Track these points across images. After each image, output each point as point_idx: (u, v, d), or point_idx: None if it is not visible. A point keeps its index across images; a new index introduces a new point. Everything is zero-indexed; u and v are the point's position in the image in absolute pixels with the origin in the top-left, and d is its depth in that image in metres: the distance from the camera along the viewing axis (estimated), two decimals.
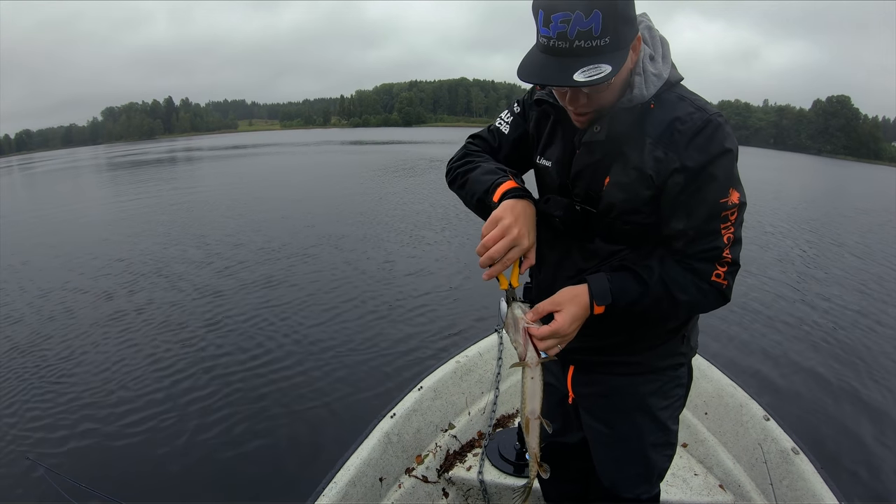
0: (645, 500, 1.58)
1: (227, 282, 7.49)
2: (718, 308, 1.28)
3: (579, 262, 1.35)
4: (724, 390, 2.52)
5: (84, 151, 79.76)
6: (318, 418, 4.06)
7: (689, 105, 1.18)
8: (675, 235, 1.21)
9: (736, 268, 1.22)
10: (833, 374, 5.06)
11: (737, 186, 1.17)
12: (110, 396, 4.37)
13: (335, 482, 1.97)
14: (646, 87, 1.18)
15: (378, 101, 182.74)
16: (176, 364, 4.94)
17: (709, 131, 1.15)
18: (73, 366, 4.97)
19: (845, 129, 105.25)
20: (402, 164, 26.99)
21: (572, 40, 1.04)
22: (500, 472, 2.34)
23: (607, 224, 1.28)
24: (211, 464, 3.54)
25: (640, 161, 1.19)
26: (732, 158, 1.17)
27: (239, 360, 5.02)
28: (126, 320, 6.03)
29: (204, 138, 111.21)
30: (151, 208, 14.21)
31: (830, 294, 7.74)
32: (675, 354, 1.43)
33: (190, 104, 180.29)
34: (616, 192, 1.23)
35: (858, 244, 11.54)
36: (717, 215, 1.17)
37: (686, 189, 1.17)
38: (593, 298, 1.20)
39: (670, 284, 1.21)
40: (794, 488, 2.03)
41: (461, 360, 2.73)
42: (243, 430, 3.92)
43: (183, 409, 4.17)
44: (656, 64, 1.20)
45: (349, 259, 8.61)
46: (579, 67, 1.05)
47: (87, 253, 9.43)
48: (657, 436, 1.50)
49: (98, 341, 5.49)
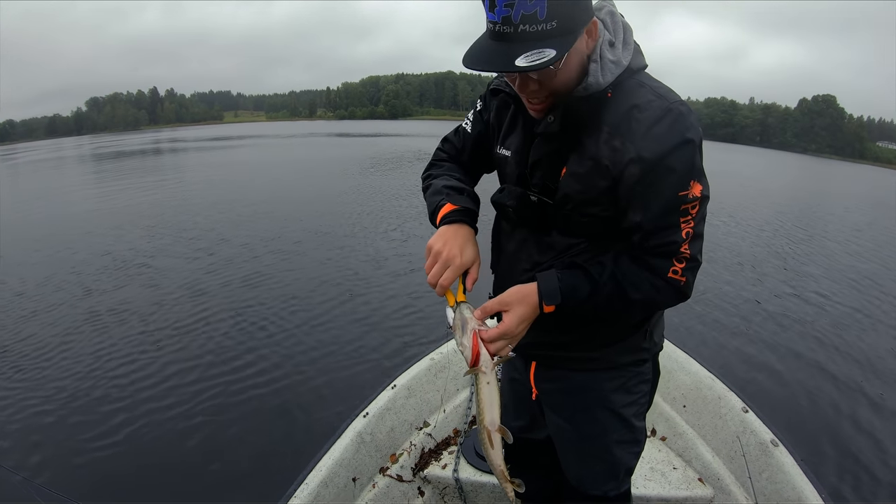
0: (613, 497, 1.54)
1: (203, 278, 7.36)
2: (677, 305, 1.24)
3: (535, 254, 1.32)
4: (703, 382, 2.49)
5: (67, 142, 78.50)
6: (289, 418, 3.98)
7: (648, 92, 1.13)
8: (632, 228, 1.17)
9: (695, 264, 1.17)
10: (813, 365, 5.09)
11: (699, 178, 1.12)
12: (78, 397, 4.25)
13: (307, 483, 1.93)
14: (602, 75, 1.13)
15: (364, 93, 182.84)
16: (146, 363, 4.83)
17: (668, 120, 1.09)
18: (39, 363, 4.85)
19: (830, 129, 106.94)
20: (387, 157, 26.87)
21: (517, 24, 1.00)
22: (475, 469, 2.30)
23: (564, 216, 1.24)
24: (179, 465, 3.45)
25: (596, 151, 1.15)
26: (694, 149, 1.11)
27: (209, 359, 4.92)
28: (99, 320, 5.87)
29: (189, 129, 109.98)
30: (132, 202, 13.86)
31: (810, 286, 7.80)
32: (637, 350, 1.39)
33: (175, 95, 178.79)
34: (572, 183, 1.19)
35: (841, 239, 11.69)
36: (675, 208, 1.12)
37: (643, 180, 1.11)
38: (542, 298, 1.17)
39: (623, 282, 1.17)
40: (773, 481, 2.01)
41: (435, 357, 2.69)
42: (212, 430, 3.83)
43: (150, 409, 4.07)
44: (615, 51, 1.15)
45: (319, 256, 8.47)
46: (523, 52, 1.01)
47: (68, 247, 9.24)
48: (621, 433, 1.45)
49: (70, 339, 5.35)
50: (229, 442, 3.70)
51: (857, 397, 4.49)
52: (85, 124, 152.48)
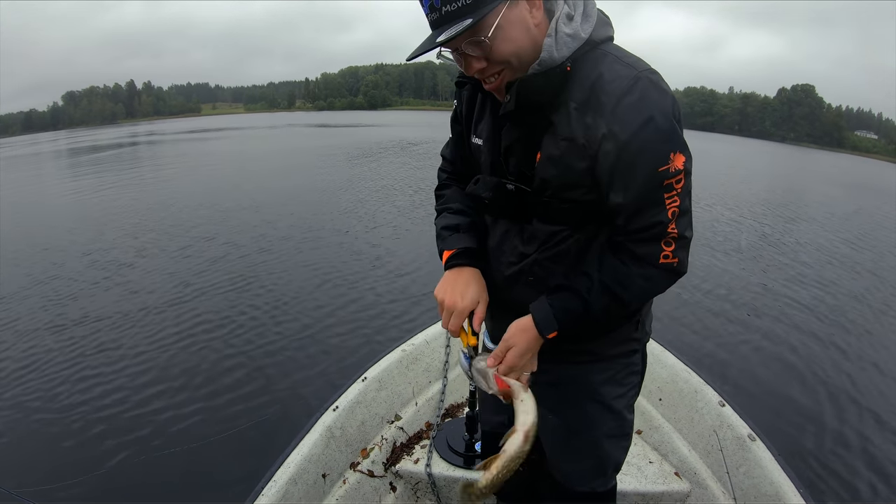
0: (600, 493, 1.50)
1: (166, 272, 7.23)
2: (671, 286, 1.20)
3: (520, 246, 1.27)
4: (679, 376, 2.46)
5: (42, 137, 77.16)
6: (256, 414, 3.89)
7: (614, 62, 1.08)
8: (615, 210, 1.11)
9: (685, 241, 1.13)
10: (790, 358, 5.10)
11: (680, 149, 1.07)
12: (39, 398, 4.15)
13: (275, 480, 1.86)
14: (556, 49, 1.08)
15: (343, 84, 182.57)
16: (109, 358, 4.73)
17: (639, 90, 1.04)
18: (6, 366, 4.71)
19: (809, 118, 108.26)
20: (366, 148, 26.57)
21: (439, 8, 1.04)
22: (448, 463, 2.24)
23: (543, 203, 1.19)
24: (143, 465, 3.36)
25: (568, 130, 1.10)
26: (668, 118, 1.05)
27: (174, 351, 4.83)
28: (63, 319, 5.72)
29: (166, 122, 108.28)
30: (104, 200, 13.51)
31: (787, 277, 7.86)
32: (628, 341, 1.35)
33: (152, 88, 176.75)
34: (549, 168, 1.15)
35: (818, 228, 11.84)
36: (658, 184, 1.06)
37: (620, 158, 1.06)
38: (539, 328, 1.19)
39: (612, 286, 1.15)
40: (750, 475, 1.98)
41: (407, 349, 2.63)
42: (177, 427, 3.74)
43: (109, 405, 3.98)
44: (573, 24, 1.10)
45: (287, 248, 8.32)
46: (445, 31, 1.04)
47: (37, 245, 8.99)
48: (611, 426, 1.42)
49: (33, 339, 5.20)
50: (195, 439, 3.61)
51: (835, 391, 4.51)
52: (61, 119, 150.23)
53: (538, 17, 1.09)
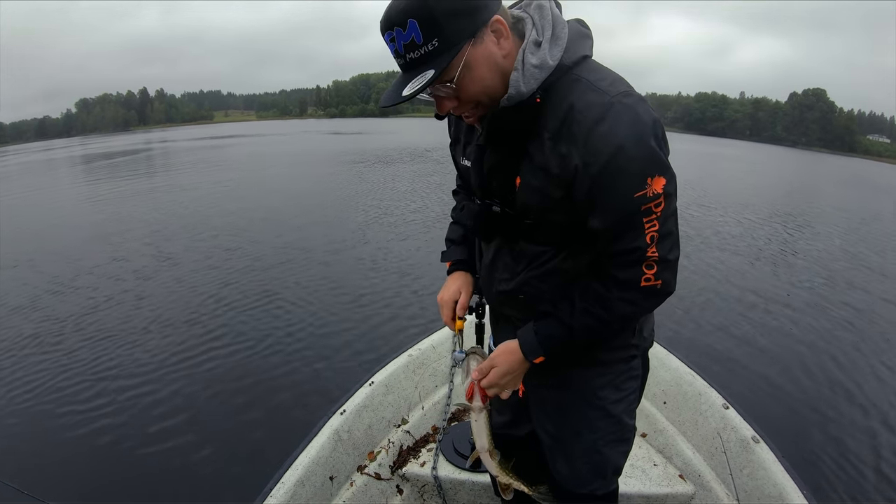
0: (600, 497, 1.51)
1: (174, 275, 7.33)
2: (662, 304, 1.22)
3: (511, 263, 1.32)
4: (683, 378, 2.47)
5: (56, 144, 78.19)
6: (264, 417, 3.93)
7: (586, 89, 1.07)
8: (595, 234, 1.14)
9: (668, 264, 1.13)
10: (794, 361, 5.07)
11: (660, 172, 1.06)
12: (50, 397, 4.21)
13: (283, 482, 1.89)
14: (524, 83, 1.08)
15: (355, 91, 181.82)
16: (119, 362, 4.78)
17: (611, 118, 1.03)
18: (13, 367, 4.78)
19: (821, 122, 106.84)
20: (381, 155, 26.79)
21: (404, 55, 1.04)
22: (454, 467, 2.27)
23: (528, 225, 1.22)
24: (153, 466, 3.40)
25: (543, 160, 1.12)
26: (644, 144, 1.04)
27: (183, 356, 4.86)
28: (70, 318, 5.82)
29: (179, 130, 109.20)
30: (116, 208, 13.69)
31: (792, 280, 7.81)
32: (626, 346, 1.36)
33: (165, 95, 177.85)
34: (528, 194, 1.18)
35: (822, 231, 11.72)
36: (635, 211, 1.07)
37: (595, 186, 1.07)
38: (525, 354, 1.26)
39: (594, 311, 1.17)
40: (754, 478, 1.99)
41: (413, 354, 2.66)
42: (187, 429, 3.78)
43: (121, 409, 4.02)
44: (540, 52, 1.09)
45: (297, 252, 8.37)
46: (411, 80, 1.05)
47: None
48: (610, 430, 1.43)
49: (42, 341, 5.28)
50: (204, 441, 3.65)
51: (838, 393, 4.48)
52: (74, 126, 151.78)
53: (507, 47, 1.09)
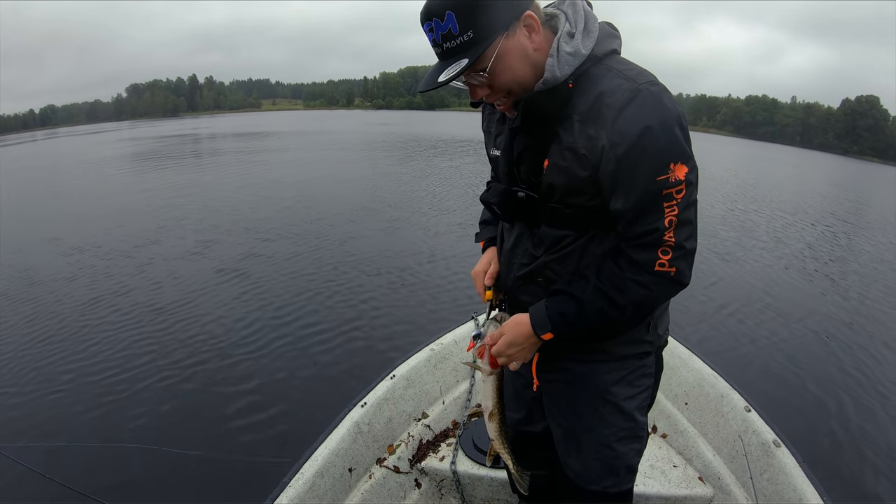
0: (612, 494, 1.50)
1: (196, 264, 7.41)
2: (675, 295, 1.24)
3: (530, 248, 1.36)
4: (705, 380, 2.46)
5: (106, 127, 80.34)
6: (286, 408, 3.95)
7: (616, 76, 1.14)
8: (616, 216, 1.18)
9: (684, 252, 1.16)
10: (819, 365, 5.01)
11: (683, 160, 1.11)
12: (70, 392, 4.23)
13: (302, 472, 1.91)
14: (559, 68, 1.16)
15: (402, 83, 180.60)
16: (140, 350, 4.83)
17: (638, 102, 1.09)
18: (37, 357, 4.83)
19: (873, 130, 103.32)
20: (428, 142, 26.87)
21: (441, 44, 1.13)
22: (473, 462, 2.28)
23: (551, 209, 1.27)
24: (172, 456, 3.36)
25: (572, 141, 1.17)
26: (669, 129, 1.09)
27: (205, 347, 4.90)
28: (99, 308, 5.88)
29: (227, 117, 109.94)
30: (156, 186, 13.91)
31: (823, 285, 7.70)
32: (640, 342, 1.38)
33: (214, 82, 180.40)
34: (555, 175, 1.22)
35: (869, 244, 11.36)
36: (656, 194, 1.12)
37: (620, 166, 1.12)
38: (534, 328, 1.27)
39: (608, 291, 1.20)
40: (774, 482, 1.98)
41: (435, 348, 2.67)
42: (208, 419, 3.82)
43: (143, 399, 4.07)
44: (573, 42, 1.16)
45: (321, 245, 8.40)
46: (447, 67, 1.13)
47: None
48: (622, 426, 1.43)
49: (66, 332, 5.32)
50: (225, 431, 3.69)
51: (862, 399, 4.42)
52: (125, 110, 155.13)
53: (538, 41, 1.16)
